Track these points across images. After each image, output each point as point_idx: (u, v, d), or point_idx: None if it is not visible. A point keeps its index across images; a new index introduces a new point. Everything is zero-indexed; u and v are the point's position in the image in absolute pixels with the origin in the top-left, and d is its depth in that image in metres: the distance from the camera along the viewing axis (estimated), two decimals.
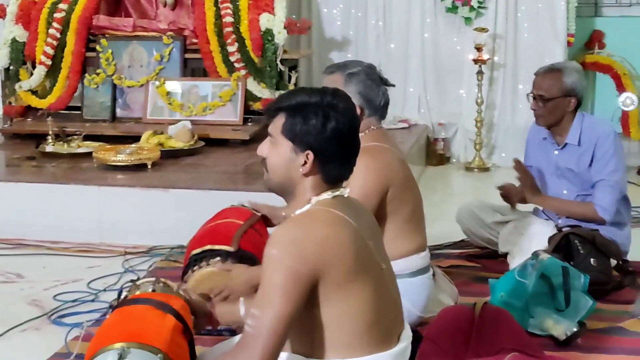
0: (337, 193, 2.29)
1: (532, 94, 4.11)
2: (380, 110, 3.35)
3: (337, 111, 2.23)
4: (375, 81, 3.31)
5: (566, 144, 4.12)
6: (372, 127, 3.33)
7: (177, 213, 4.71)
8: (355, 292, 2.21)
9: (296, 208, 2.30)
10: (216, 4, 6.24)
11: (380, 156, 3.28)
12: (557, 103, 4.05)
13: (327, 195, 2.27)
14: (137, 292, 2.57)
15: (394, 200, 3.29)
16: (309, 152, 2.23)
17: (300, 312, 2.16)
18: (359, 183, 3.12)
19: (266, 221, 3.60)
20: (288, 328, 2.16)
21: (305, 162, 2.24)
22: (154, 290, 2.54)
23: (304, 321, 2.20)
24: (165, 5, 6.60)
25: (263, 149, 2.32)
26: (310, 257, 2.15)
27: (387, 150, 3.34)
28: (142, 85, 6.30)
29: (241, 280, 3.08)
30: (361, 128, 2.73)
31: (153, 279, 2.61)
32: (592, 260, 3.80)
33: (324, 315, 2.20)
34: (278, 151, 2.28)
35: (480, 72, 6.61)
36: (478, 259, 4.42)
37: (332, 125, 2.22)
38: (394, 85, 3.44)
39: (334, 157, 2.25)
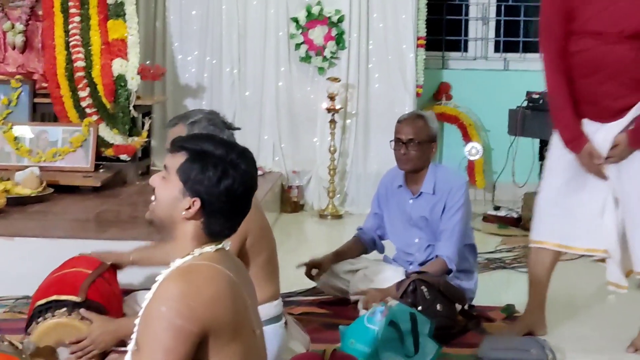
0: (220, 246, 2.25)
1: (400, 140, 4.20)
2: None
3: (237, 171, 2.20)
4: (217, 125, 3.29)
5: (421, 192, 4.24)
6: None
7: (22, 262, 4.54)
8: (233, 351, 2.15)
9: (174, 252, 2.24)
10: (67, 48, 6.16)
11: None
12: (425, 147, 4.19)
13: (209, 248, 2.22)
14: None
15: (252, 247, 3.25)
16: (197, 199, 2.19)
17: None
18: None
19: (116, 268, 3.54)
20: None
21: (190, 207, 2.20)
22: None
23: None
24: (14, 47, 6.43)
25: (155, 180, 2.27)
26: (201, 316, 2.09)
27: None
28: None
29: (105, 332, 3.02)
30: None
31: None
32: (438, 305, 3.90)
33: None
34: (167, 187, 2.23)
35: (333, 121, 6.73)
36: (329, 305, 4.45)
37: (227, 182, 2.18)
38: (239, 129, 3.43)
39: (220, 212, 2.21)
